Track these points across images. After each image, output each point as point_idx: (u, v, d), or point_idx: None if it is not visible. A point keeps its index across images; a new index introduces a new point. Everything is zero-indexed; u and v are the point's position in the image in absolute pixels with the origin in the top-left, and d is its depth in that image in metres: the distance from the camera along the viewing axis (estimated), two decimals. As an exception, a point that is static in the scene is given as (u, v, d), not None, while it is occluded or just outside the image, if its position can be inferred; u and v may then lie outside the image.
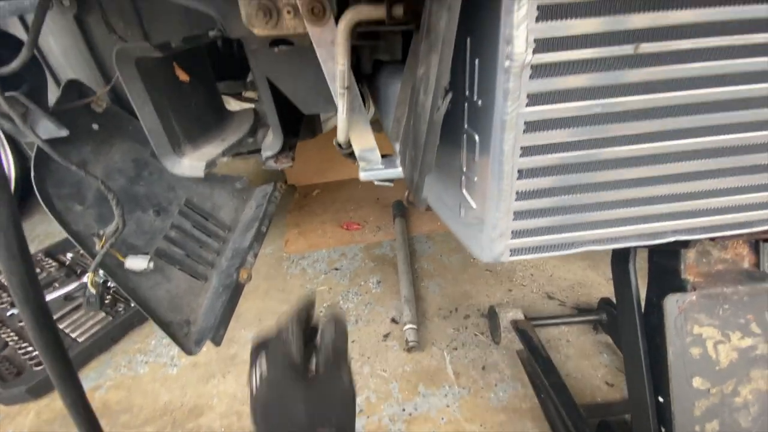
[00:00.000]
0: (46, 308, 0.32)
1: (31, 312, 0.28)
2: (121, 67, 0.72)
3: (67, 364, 0.32)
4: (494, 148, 0.46)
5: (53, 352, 0.30)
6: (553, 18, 0.39)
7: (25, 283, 0.28)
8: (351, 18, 0.54)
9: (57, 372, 0.31)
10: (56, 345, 0.30)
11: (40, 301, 0.31)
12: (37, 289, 0.30)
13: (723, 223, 0.57)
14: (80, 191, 0.95)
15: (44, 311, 0.31)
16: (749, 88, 0.45)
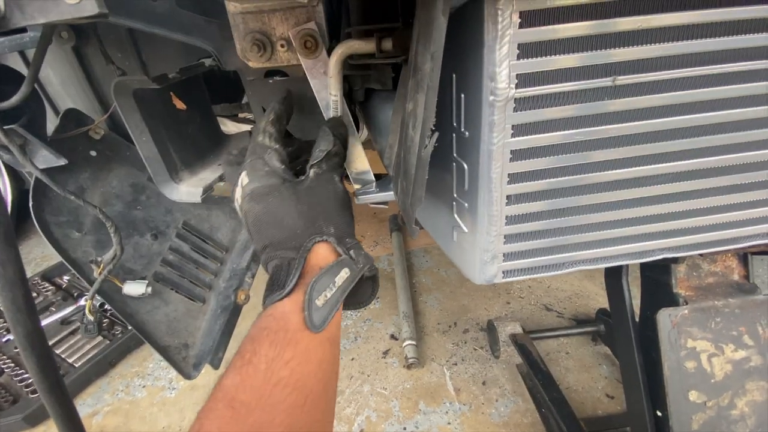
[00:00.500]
0: (44, 340, 0.32)
1: (27, 342, 0.29)
2: (119, 99, 0.74)
3: (63, 395, 0.33)
4: (482, 176, 0.47)
5: (49, 383, 0.31)
6: (533, 55, 0.41)
7: (23, 316, 0.28)
8: (342, 51, 0.56)
9: (53, 403, 0.32)
10: (52, 375, 0.31)
11: (39, 333, 0.31)
12: (35, 321, 0.31)
13: (709, 240, 0.58)
14: (78, 218, 0.96)
15: (42, 343, 0.32)
16: (723, 114, 0.48)
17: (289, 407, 0.35)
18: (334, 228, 0.48)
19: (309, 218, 0.48)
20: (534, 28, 0.40)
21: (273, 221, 0.48)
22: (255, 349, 0.39)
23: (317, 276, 0.44)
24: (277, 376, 0.36)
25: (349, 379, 1.40)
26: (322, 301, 0.42)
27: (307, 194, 0.50)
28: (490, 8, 0.39)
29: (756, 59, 0.45)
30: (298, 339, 0.40)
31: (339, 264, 0.45)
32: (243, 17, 0.59)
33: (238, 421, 0.33)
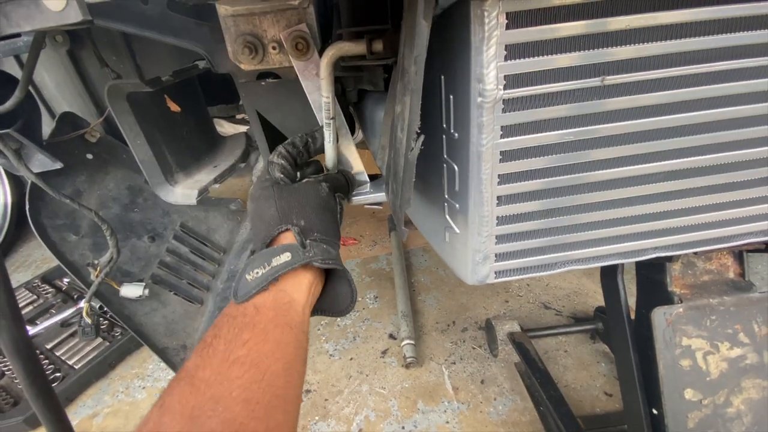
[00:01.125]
0: (30, 345, 0.33)
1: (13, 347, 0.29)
2: (113, 102, 0.74)
3: (52, 399, 0.34)
4: (472, 177, 0.47)
5: (37, 388, 0.31)
6: (521, 56, 0.41)
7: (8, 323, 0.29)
8: (333, 53, 0.56)
9: (41, 406, 0.32)
10: (40, 379, 0.32)
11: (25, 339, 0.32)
12: (21, 327, 0.31)
13: (702, 238, 0.58)
14: (75, 221, 0.96)
15: (28, 348, 0.32)
16: (713, 113, 0.47)
17: (246, 382, 0.36)
18: (304, 221, 0.51)
19: (284, 213, 0.52)
20: (521, 29, 0.40)
21: (258, 217, 0.54)
22: (216, 333, 0.41)
23: (256, 254, 0.48)
24: (234, 354, 0.38)
25: (348, 378, 1.40)
26: (251, 276, 0.45)
27: (289, 193, 0.54)
28: (476, 10, 0.39)
29: (745, 57, 0.45)
30: (256, 321, 0.42)
31: (283, 247, 0.48)
32: (234, 20, 0.59)
33: (196, 394, 0.35)
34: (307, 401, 1.33)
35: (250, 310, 0.43)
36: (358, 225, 2.27)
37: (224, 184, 1.14)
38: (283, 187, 0.55)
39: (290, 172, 0.59)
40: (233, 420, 0.34)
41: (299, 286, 0.48)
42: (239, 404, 0.35)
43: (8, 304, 0.26)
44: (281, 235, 0.51)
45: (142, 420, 0.34)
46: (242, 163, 1.07)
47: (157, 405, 0.35)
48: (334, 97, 0.60)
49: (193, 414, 0.33)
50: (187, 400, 0.34)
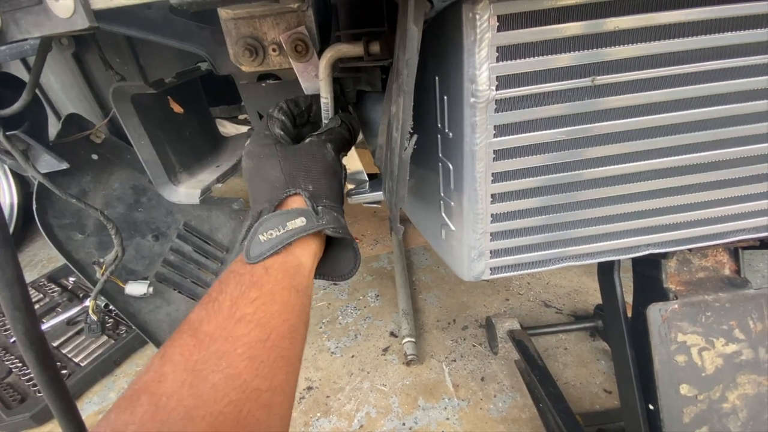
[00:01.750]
0: (42, 336, 0.34)
1: (26, 338, 0.31)
2: (117, 104, 0.76)
3: (62, 388, 0.35)
4: (467, 175, 0.49)
5: (48, 376, 0.32)
6: (512, 57, 0.42)
7: (22, 314, 0.30)
8: (332, 55, 0.58)
9: (52, 396, 0.33)
10: (51, 369, 0.33)
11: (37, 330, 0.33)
12: (33, 318, 0.32)
13: (695, 235, 0.59)
14: (80, 220, 0.98)
15: (40, 339, 0.33)
16: (706, 111, 0.48)
17: (251, 340, 0.36)
18: (312, 186, 0.50)
19: (290, 175, 0.50)
20: (512, 32, 0.41)
21: (259, 176, 0.51)
22: (222, 289, 0.40)
23: (270, 215, 0.46)
24: (241, 311, 0.38)
25: (349, 375, 1.41)
26: (265, 238, 0.44)
27: (294, 154, 0.52)
28: (468, 13, 0.40)
29: (734, 57, 0.46)
30: (264, 282, 0.41)
31: (297, 211, 0.47)
32: (235, 23, 0.60)
33: (200, 348, 0.34)
34: (308, 398, 1.35)
35: (259, 270, 0.42)
36: (360, 224, 2.28)
37: (226, 183, 1.16)
38: (287, 147, 0.53)
39: (290, 129, 0.57)
40: (237, 376, 0.34)
41: (307, 251, 0.47)
42: (244, 361, 0.35)
43: (22, 297, 0.27)
44: (289, 198, 0.49)
45: (144, 369, 0.34)
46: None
47: (159, 355, 0.34)
48: (333, 98, 0.62)
49: (196, 367, 0.33)
50: (190, 353, 0.34)
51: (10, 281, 0.26)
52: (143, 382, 0.32)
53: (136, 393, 0.31)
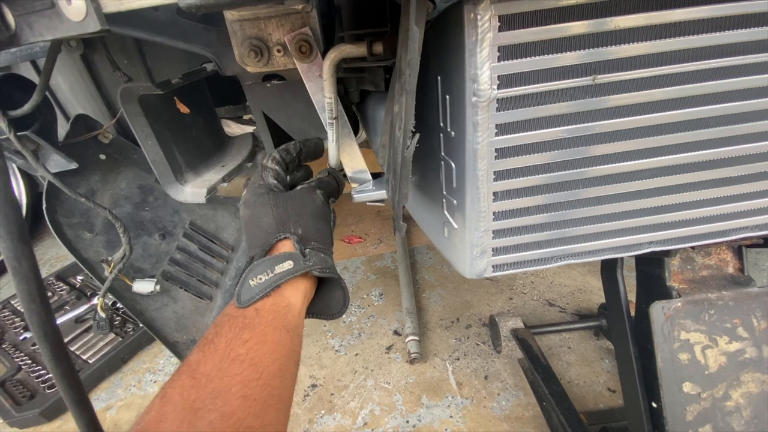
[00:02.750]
0: (56, 329, 0.35)
1: (42, 331, 0.32)
2: (125, 105, 0.77)
3: (75, 380, 0.36)
4: (469, 174, 0.49)
5: (62, 369, 0.34)
6: (513, 57, 0.43)
7: (38, 307, 0.31)
8: (336, 56, 0.59)
9: (65, 387, 0.35)
10: (65, 361, 0.34)
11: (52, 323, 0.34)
12: (49, 311, 0.33)
13: (698, 233, 0.59)
14: (89, 219, 1.00)
15: (55, 332, 0.34)
16: (708, 109, 0.49)
17: (245, 379, 0.38)
18: (302, 230, 0.53)
19: (281, 220, 0.53)
20: (513, 32, 0.42)
21: (253, 223, 0.55)
22: (217, 331, 0.43)
23: (259, 261, 0.49)
24: (235, 352, 0.40)
25: (353, 373, 1.42)
26: (255, 282, 0.47)
27: (285, 201, 0.56)
28: (469, 14, 0.40)
29: (737, 55, 0.46)
30: (256, 323, 0.44)
31: (284, 255, 0.50)
32: (240, 24, 0.61)
33: (197, 388, 0.36)
34: (313, 395, 1.36)
35: (251, 312, 0.45)
36: (364, 223, 2.29)
37: (231, 183, 1.17)
38: (278, 194, 0.56)
39: (283, 178, 0.60)
40: (232, 414, 0.36)
41: (297, 292, 0.50)
42: (238, 400, 0.37)
43: (38, 290, 0.28)
44: (279, 243, 0.53)
45: (145, 409, 0.36)
46: (249, 163, 1.09)
47: (159, 396, 0.37)
48: (336, 98, 0.62)
49: (194, 406, 0.35)
50: (188, 393, 0.36)
51: (27, 275, 0.27)
52: (145, 422, 0.34)
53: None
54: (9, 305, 1.82)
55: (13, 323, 1.71)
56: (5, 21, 0.37)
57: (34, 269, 0.28)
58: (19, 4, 0.36)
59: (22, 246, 0.27)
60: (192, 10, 0.31)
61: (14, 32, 0.38)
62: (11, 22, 0.37)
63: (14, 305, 1.82)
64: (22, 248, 0.27)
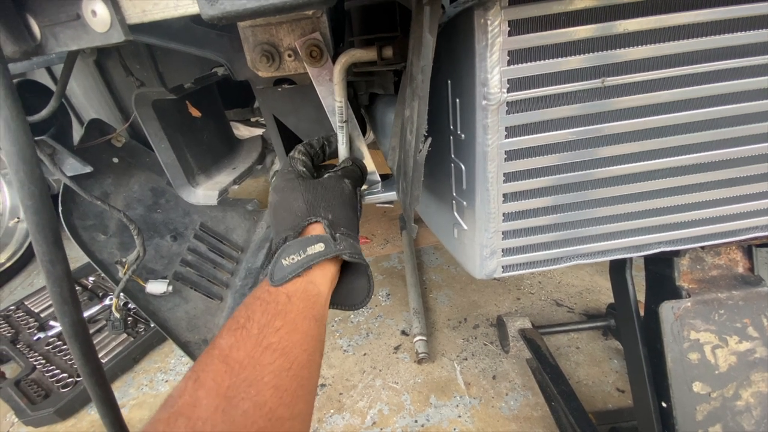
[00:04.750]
0: (86, 329, 0.36)
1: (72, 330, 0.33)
2: (139, 109, 0.79)
3: (102, 378, 0.37)
4: (479, 176, 0.50)
5: (91, 367, 0.35)
6: (523, 61, 0.44)
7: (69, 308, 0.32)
8: (346, 60, 0.60)
9: (93, 384, 0.36)
10: (93, 360, 0.35)
11: (82, 323, 0.35)
12: (79, 312, 0.35)
13: (706, 233, 0.60)
14: (103, 222, 1.02)
15: (84, 332, 0.36)
16: (717, 110, 0.49)
17: (276, 369, 0.39)
18: (332, 215, 0.54)
19: (312, 205, 0.54)
20: (523, 36, 0.43)
21: (284, 207, 0.56)
22: (249, 315, 0.43)
23: (292, 242, 0.50)
24: (267, 340, 0.40)
25: (362, 373, 1.43)
26: (287, 262, 0.47)
27: (315, 187, 0.57)
28: (479, 19, 0.41)
29: (745, 56, 0.46)
30: (288, 310, 0.44)
31: (316, 238, 0.50)
32: (252, 30, 0.62)
33: (231, 374, 0.37)
34: (322, 395, 1.37)
35: (282, 298, 0.45)
36: (370, 224, 2.30)
37: (240, 185, 1.19)
38: (308, 181, 0.58)
39: (310, 167, 0.62)
40: (264, 404, 0.36)
41: (325, 278, 0.50)
42: (270, 390, 0.37)
43: (70, 292, 0.30)
44: (310, 226, 0.53)
45: (176, 390, 0.36)
46: (259, 165, 1.11)
47: (191, 378, 0.37)
48: (346, 102, 0.64)
49: (228, 394, 0.35)
50: (222, 379, 0.36)
51: (59, 277, 0.29)
52: (179, 406, 0.35)
53: (173, 415, 0.34)
54: (23, 306, 1.85)
55: (27, 324, 1.75)
56: (31, 32, 0.39)
57: (67, 272, 0.29)
58: (45, 15, 0.37)
59: (57, 250, 0.28)
60: (214, 21, 0.32)
61: (39, 42, 0.39)
62: (37, 32, 0.39)
63: (28, 306, 1.85)
64: (57, 252, 0.28)
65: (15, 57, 0.37)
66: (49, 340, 1.65)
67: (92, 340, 0.34)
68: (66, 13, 0.36)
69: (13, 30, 0.36)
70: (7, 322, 1.76)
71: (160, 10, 0.34)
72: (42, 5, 0.36)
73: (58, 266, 0.28)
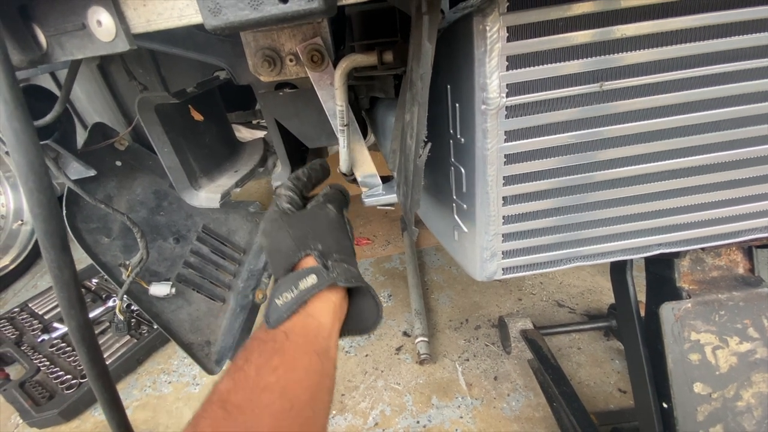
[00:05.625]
0: (92, 332, 0.37)
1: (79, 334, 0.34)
2: (142, 114, 0.79)
3: (108, 380, 0.38)
4: (479, 179, 0.50)
5: (97, 369, 0.35)
6: (522, 66, 0.44)
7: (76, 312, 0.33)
8: (347, 65, 0.60)
9: (99, 386, 0.36)
10: (100, 362, 0.36)
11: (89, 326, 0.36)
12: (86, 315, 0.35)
13: (707, 235, 0.60)
14: (107, 224, 1.03)
15: (91, 335, 0.36)
16: (710, 114, 0.49)
17: (276, 411, 0.37)
18: (321, 245, 0.53)
19: (299, 239, 0.53)
20: (521, 42, 0.43)
21: (275, 250, 0.55)
22: (246, 357, 0.42)
23: (282, 279, 0.49)
24: (264, 381, 0.39)
25: (364, 374, 1.44)
26: (281, 301, 0.46)
27: (299, 220, 0.56)
28: (478, 25, 0.42)
29: (740, 60, 0.46)
30: (285, 348, 0.43)
31: (307, 271, 0.49)
32: (254, 35, 0.63)
33: (229, 421, 0.36)
34: (324, 396, 1.38)
35: (280, 336, 0.44)
36: (372, 225, 2.30)
37: (242, 187, 1.20)
38: (291, 216, 0.56)
39: (296, 201, 0.60)
40: None
41: (326, 310, 0.49)
42: None
43: (77, 297, 0.30)
44: (302, 261, 0.52)
45: None
46: (261, 168, 1.11)
47: (192, 425, 0.36)
48: (347, 105, 0.64)
49: None
50: (220, 425, 0.35)
51: (67, 282, 0.29)
52: None
53: None
54: (27, 308, 1.87)
55: (31, 326, 1.76)
56: (38, 41, 0.39)
57: (74, 277, 0.30)
58: (51, 24, 0.38)
59: (64, 256, 0.29)
60: (217, 32, 0.33)
61: (45, 51, 0.40)
62: (43, 42, 0.39)
63: (32, 308, 1.86)
64: (64, 258, 0.29)
65: (22, 66, 0.37)
66: (53, 341, 1.66)
67: (98, 343, 0.34)
68: (72, 22, 0.37)
69: (20, 40, 0.36)
70: (11, 324, 1.78)
71: (164, 20, 0.35)
72: (48, 15, 0.37)
73: (65, 271, 0.29)
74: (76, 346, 0.32)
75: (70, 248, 0.33)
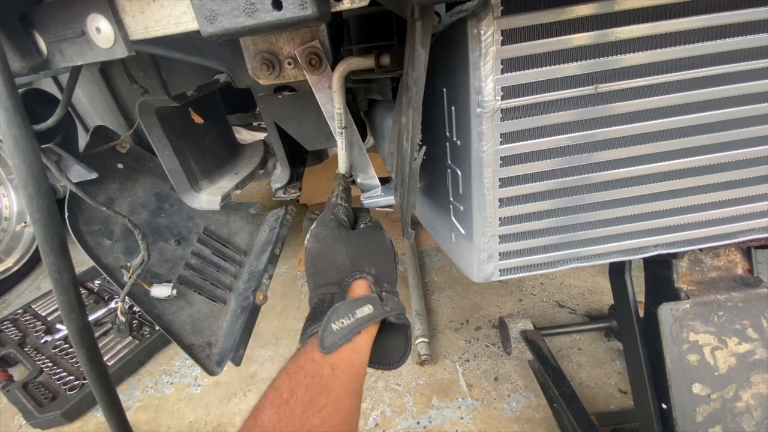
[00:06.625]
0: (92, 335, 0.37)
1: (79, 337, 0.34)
2: (143, 117, 0.80)
3: (107, 382, 0.38)
4: (475, 181, 0.51)
5: (97, 371, 0.36)
6: (516, 69, 0.45)
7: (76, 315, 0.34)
8: (345, 68, 0.61)
9: (98, 388, 0.37)
10: (99, 364, 0.36)
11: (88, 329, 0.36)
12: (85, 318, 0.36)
13: (705, 235, 0.60)
14: (108, 227, 1.03)
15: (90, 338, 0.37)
16: (705, 115, 0.50)
17: None
18: (375, 270, 0.52)
19: (355, 258, 0.53)
20: (515, 45, 0.43)
21: (325, 258, 0.54)
22: (292, 389, 0.42)
23: (340, 304, 0.48)
24: (310, 423, 0.39)
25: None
26: (337, 327, 0.45)
27: (357, 239, 0.55)
28: (473, 28, 0.42)
29: (735, 62, 0.47)
30: (332, 387, 0.43)
31: (365, 299, 0.48)
32: (252, 39, 0.64)
33: None
34: (325, 397, 1.38)
35: (327, 371, 0.44)
36: (373, 226, 2.31)
37: (243, 189, 1.20)
38: (351, 232, 0.56)
39: (351, 215, 0.60)
40: None
41: (368, 344, 0.48)
42: None
43: (77, 300, 0.31)
44: (355, 282, 0.51)
45: None
46: (261, 170, 1.12)
47: None
48: (346, 108, 0.65)
49: None
50: None
51: (67, 286, 0.30)
52: None
53: None
54: (30, 309, 1.88)
55: (34, 327, 1.77)
56: (38, 48, 0.40)
57: (74, 281, 0.31)
58: (51, 31, 0.39)
59: (64, 260, 0.29)
60: (213, 38, 0.33)
61: (46, 57, 0.41)
62: (43, 48, 0.40)
63: (35, 309, 1.88)
64: (64, 262, 0.29)
65: (22, 72, 0.38)
66: (56, 343, 1.67)
67: (98, 346, 0.35)
68: (71, 29, 0.38)
69: (21, 47, 0.37)
70: (14, 325, 1.79)
71: (161, 27, 0.36)
72: (48, 22, 0.37)
73: (65, 275, 0.30)
74: (76, 348, 0.33)
75: (70, 252, 0.34)
